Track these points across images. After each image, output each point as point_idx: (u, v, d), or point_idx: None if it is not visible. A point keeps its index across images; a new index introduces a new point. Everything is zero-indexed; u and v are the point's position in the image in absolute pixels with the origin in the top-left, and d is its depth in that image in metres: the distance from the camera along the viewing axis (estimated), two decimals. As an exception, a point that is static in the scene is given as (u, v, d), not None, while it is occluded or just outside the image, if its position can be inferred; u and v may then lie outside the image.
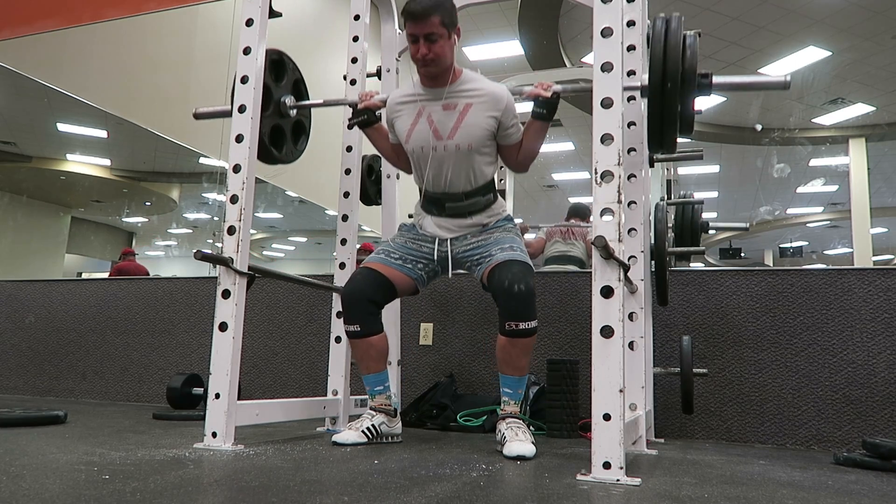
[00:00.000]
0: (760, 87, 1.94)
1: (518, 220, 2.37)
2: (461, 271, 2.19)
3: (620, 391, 1.54)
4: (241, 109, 2.04)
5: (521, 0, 7.19)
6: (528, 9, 7.31)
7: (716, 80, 1.82)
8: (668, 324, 2.82)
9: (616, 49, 1.70)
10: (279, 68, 2.30)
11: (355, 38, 2.62)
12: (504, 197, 2.75)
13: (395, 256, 2.17)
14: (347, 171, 2.55)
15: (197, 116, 2.42)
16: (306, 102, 2.39)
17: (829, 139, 10.70)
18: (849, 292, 2.64)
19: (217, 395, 1.86)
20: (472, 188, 2.11)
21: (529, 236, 4.40)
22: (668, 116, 1.82)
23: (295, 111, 2.35)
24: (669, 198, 3.40)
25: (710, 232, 3.13)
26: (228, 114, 2.21)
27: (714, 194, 12.62)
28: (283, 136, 2.34)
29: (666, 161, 2.99)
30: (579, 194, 12.36)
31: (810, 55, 8.46)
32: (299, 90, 2.43)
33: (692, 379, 2.40)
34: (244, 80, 2.06)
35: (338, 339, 2.44)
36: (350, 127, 2.34)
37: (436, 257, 2.15)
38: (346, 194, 2.54)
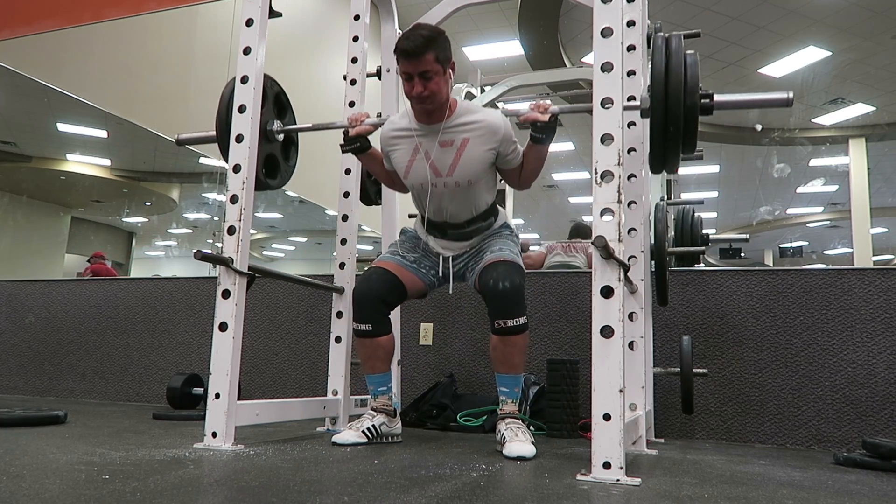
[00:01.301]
0: (762, 104, 1.95)
1: (523, 237, 2.37)
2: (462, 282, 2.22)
3: (620, 391, 1.54)
4: (242, 109, 2.04)
5: (521, 0, 7.20)
6: (528, 9, 7.31)
7: (717, 98, 1.83)
8: (668, 324, 2.82)
9: (616, 49, 1.71)
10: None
11: (355, 38, 2.62)
12: (504, 198, 2.74)
13: (410, 259, 2.19)
14: (347, 171, 2.55)
15: (179, 143, 2.41)
16: (293, 127, 2.34)
17: (829, 139, 10.70)
18: (849, 292, 2.64)
19: (217, 395, 1.86)
20: (474, 216, 2.13)
21: (533, 248, 4.40)
22: (670, 139, 1.82)
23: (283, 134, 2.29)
24: (669, 198, 3.39)
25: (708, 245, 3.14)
26: (213, 139, 2.20)
27: (714, 194, 12.62)
28: (276, 162, 2.28)
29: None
30: (579, 194, 12.38)
31: (810, 55, 8.46)
32: (281, 103, 2.34)
33: (692, 379, 2.40)
34: (244, 79, 2.06)
35: (338, 339, 2.44)
36: (343, 152, 2.30)
37: (440, 272, 2.19)
38: (346, 194, 2.54)
